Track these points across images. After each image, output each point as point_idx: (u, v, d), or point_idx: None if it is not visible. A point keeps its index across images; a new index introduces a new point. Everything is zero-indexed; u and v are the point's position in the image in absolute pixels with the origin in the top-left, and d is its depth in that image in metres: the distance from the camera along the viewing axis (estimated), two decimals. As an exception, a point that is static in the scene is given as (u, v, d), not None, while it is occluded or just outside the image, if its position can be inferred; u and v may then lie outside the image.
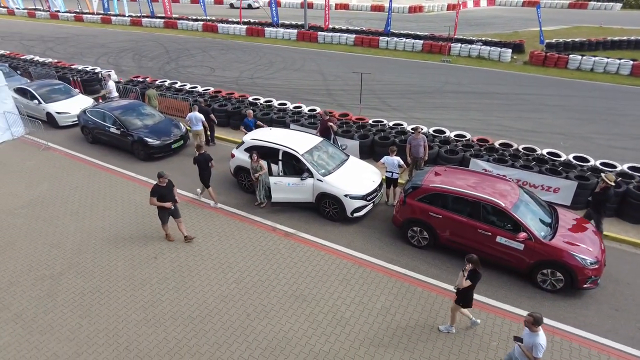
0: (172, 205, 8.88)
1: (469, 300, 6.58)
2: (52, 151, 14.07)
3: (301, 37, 30.44)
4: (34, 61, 23.51)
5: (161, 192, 8.71)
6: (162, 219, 9.10)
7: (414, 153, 11.01)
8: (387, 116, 15.45)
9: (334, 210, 9.90)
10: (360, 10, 44.58)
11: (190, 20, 37.15)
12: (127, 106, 14.28)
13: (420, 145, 10.91)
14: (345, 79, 20.96)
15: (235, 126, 15.33)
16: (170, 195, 8.84)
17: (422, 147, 10.93)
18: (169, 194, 8.81)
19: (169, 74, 22.40)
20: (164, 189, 8.75)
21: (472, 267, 6.29)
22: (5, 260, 8.95)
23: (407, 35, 28.54)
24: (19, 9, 49.35)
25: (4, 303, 7.81)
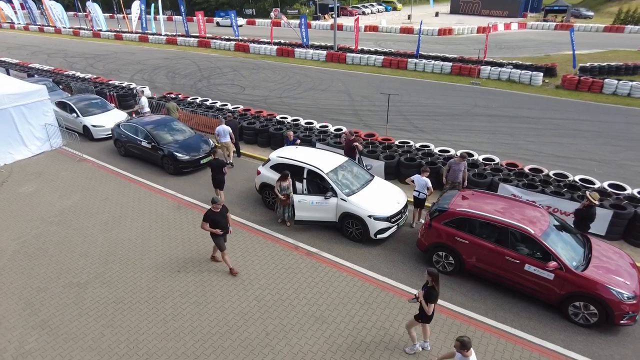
0: (224, 232, 8.59)
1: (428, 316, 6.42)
2: (86, 163, 14.61)
3: (330, 58, 30.87)
4: (75, 76, 24.72)
5: (214, 218, 8.44)
6: (219, 245, 8.73)
7: (452, 177, 10.73)
8: (413, 137, 15.36)
9: (357, 231, 9.80)
10: (390, 32, 44.90)
11: (223, 40, 38.31)
12: (159, 121, 14.73)
13: (461, 171, 10.65)
14: (372, 99, 21.03)
15: (263, 144, 15.57)
16: (223, 221, 8.58)
17: (462, 172, 10.68)
18: (222, 220, 8.55)
19: (200, 92, 23.06)
20: (217, 214, 8.47)
21: (431, 283, 6.19)
22: (37, 266, 9.24)
23: (436, 57, 28.52)
24: (65, 27, 52.24)
25: (33, 309, 8.03)
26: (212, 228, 8.44)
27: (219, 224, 8.48)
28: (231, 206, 11.58)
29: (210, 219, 8.42)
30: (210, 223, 8.42)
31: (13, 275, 9.00)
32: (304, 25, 33.40)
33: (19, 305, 8.14)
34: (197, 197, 12.12)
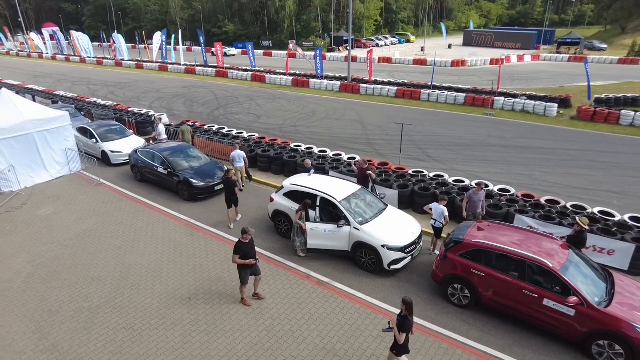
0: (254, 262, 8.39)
1: (402, 347, 6.24)
2: (103, 187, 14.86)
3: (344, 88, 31.38)
4: (96, 103, 25.54)
5: (244, 250, 8.23)
6: (242, 279, 8.46)
7: (472, 208, 10.55)
8: (427, 167, 15.31)
9: (370, 261, 9.65)
10: (403, 64, 45.62)
11: (240, 70, 39.35)
12: (176, 148, 15.01)
13: (480, 201, 10.49)
14: (385, 129, 21.17)
15: (277, 171, 15.68)
16: (253, 252, 8.39)
17: (482, 203, 10.51)
18: (252, 252, 8.35)
19: (217, 120, 23.52)
20: (247, 245, 8.28)
21: (405, 312, 6.10)
22: (50, 289, 9.28)
23: (449, 88, 28.77)
24: (90, 57, 54.41)
25: (43, 332, 8.00)
26: (243, 260, 8.20)
27: (249, 255, 8.25)
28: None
29: (241, 251, 8.18)
30: (240, 255, 8.18)
31: (26, 297, 9.04)
32: (319, 56, 34.18)
33: (30, 328, 8.13)
34: (211, 223, 12.16)
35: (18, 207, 13.39)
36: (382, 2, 76.11)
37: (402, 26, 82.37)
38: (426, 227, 11.32)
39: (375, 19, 75.43)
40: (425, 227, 11.12)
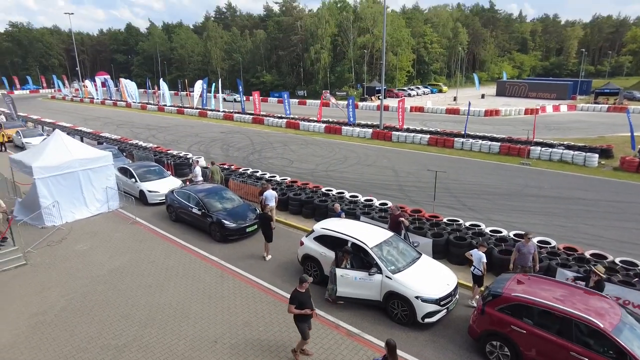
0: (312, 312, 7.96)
1: None
2: (138, 226, 15.22)
3: (376, 135, 31.69)
4: (137, 145, 26.82)
5: (301, 299, 7.78)
6: (302, 331, 7.93)
7: (521, 261, 9.93)
8: (462, 215, 14.89)
9: (403, 313, 9.22)
10: (435, 113, 45.89)
11: (275, 118, 40.65)
12: (211, 190, 15.35)
13: (530, 253, 9.86)
14: (418, 176, 20.99)
15: (307, 215, 15.66)
16: (310, 302, 7.95)
17: (532, 255, 9.89)
18: (309, 301, 7.92)
19: (252, 164, 24.08)
20: (304, 295, 7.84)
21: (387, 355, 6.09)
22: (80, 324, 9.33)
23: (483, 137, 28.52)
24: (135, 102, 57.93)
25: (69, 370, 7.96)
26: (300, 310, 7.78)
27: (306, 305, 7.81)
28: (272, 277, 11.45)
29: (297, 300, 7.74)
30: (297, 305, 7.76)
31: (57, 331, 9.11)
32: (351, 105, 34.99)
33: (58, 364, 8.12)
34: (241, 265, 12.11)
35: (58, 241, 13.86)
36: (414, 54, 78.16)
37: (434, 77, 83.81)
38: (462, 278, 10.85)
39: (407, 70, 77.23)
40: (462, 279, 10.65)
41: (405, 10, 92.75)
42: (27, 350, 8.54)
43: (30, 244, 13.44)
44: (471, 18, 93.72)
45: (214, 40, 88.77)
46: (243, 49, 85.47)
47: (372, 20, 70.60)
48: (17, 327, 9.32)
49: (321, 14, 72.37)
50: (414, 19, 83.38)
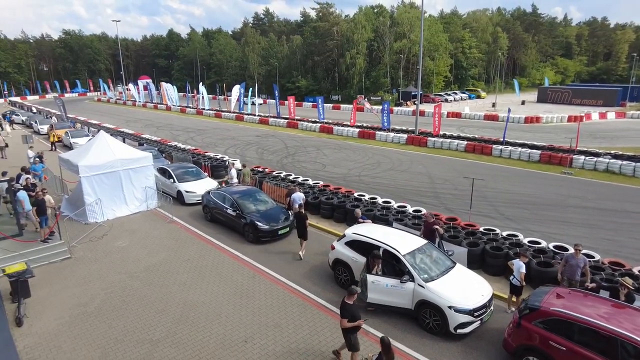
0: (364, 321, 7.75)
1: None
2: (175, 224, 15.68)
3: (411, 141, 31.27)
4: (176, 147, 27.70)
5: (352, 311, 7.51)
6: (353, 344, 7.59)
7: (569, 274, 9.50)
8: (499, 225, 14.42)
9: (435, 322, 9.02)
10: (473, 119, 44.78)
11: (309, 122, 40.91)
12: (245, 191, 15.64)
13: (580, 267, 9.40)
14: (454, 183, 20.53)
15: (339, 219, 15.64)
16: (359, 313, 7.72)
17: (581, 269, 9.42)
18: (358, 312, 7.71)
19: (285, 167, 24.33)
20: (354, 306, 7.65)
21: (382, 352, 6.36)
22: (118, 317, 9.70)
23: (523, 144, 27.56)
24: (175, 105, 59.92)
25: (107, 359, 8.30)
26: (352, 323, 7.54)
27: (357, 316, 7.57)
28: (303, 279, 11.49)
29: (349, 313, 7.49)
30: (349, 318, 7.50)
31: (97, 323, 9.50)
32: (386, 110, 34.71)
33: (97, 353, 8.47)
34: (272, 267, 12.23)
35: (100, 237, 14.49)
36: (452, 59, 76.73)
37: (473, 82, 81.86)
38: (497, 289, 10.52)
39: (444, 75, 75.90)
40: (497, 290, 10.32)
41: (443, 15, 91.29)
42: (69, 339, 8.95)
43: (74, 238, 14.11)
44: (512, 22, 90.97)
45: (251, 45, 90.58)
46: (279, 54, 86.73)
47: (409, 25, 69.92)
48: (61, 316, 9.80)
49: (358, 19, 72.40)
50: (452, 24, 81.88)
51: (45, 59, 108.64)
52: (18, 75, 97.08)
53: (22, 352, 8.44)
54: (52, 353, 8.51)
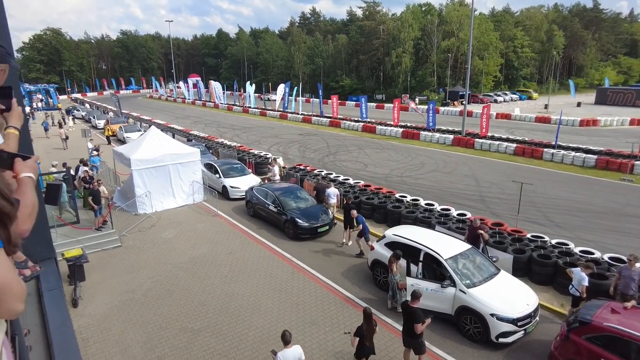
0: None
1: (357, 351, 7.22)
2: (219, 218, 16.15)
3: (457, 142, 30.41)
4: (222, 144, 28.52)
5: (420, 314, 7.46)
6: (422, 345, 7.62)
7: (623, 287, 8.93)
8: (548, 232, 13.73)
9: (476, 330, 8.74)
10: (523, 121, 42.86)
11: (352, 121, 40.77)
12: (287, 189, 15.87)
13: (634, 280, 8.81)
14: (501, 187, 19.77)
15: (379, 220, 15.49)
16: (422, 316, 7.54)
17: (636, 282, 8.83)
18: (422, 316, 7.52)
19: (326, 165, 24.41)
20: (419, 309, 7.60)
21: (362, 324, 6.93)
22: (163, 305, 10.14)
23: (577, 148, 26.05)
24: (222, 103, 61.70)
25: (152, 344, 8.68)
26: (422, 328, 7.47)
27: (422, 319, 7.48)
28: (341, 278, 11.49)
29: (420, 317, 7.42)
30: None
31: (143, 309, 9.98)
32: (431, 110, 33.97)
33: (142, 337, 8.90)
34: (311, 264, 12.31)
35: (148, 227, 15.19)
36: (502, 58, 73.82)
37: (524, 82, 78.34)
38: (544, 299, 10.05)
39: (494, 75, 73.17)
40: (543, 300, 9.85)
41: (495, 12, 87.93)
42: (118, 322, 9.47)
43: (125, 228, 14.88)
44: (570, 19, 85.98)
45: (297, 45, 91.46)
46: (324, 53, 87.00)
47: (457, 23, 67.96)
48: (111, 301, 10.38)
49: (405, 17, 71.25)
50: (504, 22, 78.70)
51: (104, 58, 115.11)
52: (80, 73, 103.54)
53: (77, 331, 8.99)
54: (102, 334, 9.04)
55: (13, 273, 1.20)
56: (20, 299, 1.20)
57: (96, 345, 8.68)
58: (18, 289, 1.19)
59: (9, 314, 1.20)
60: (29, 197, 1.55)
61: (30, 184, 1.60)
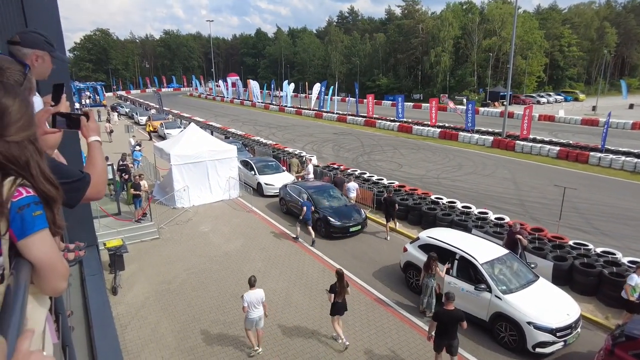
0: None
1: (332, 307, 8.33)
2: (253, 214, 16.41)
3: (496, 144, 29.46)
4: (258, 141, 28.95)
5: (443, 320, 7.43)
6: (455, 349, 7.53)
7: None
8: (593, 240, 13.03)
9: (511, 338, 8.43)
10: (568, 123, 40.96)
11: (387, 121, 40.34)
12: (320, 187, 15.91)
13: None
14: (543, 191, 18.98)
15: (413, 221, 15.25)
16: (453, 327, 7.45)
17: None
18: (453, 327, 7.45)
19: (360, 165, 24.27)
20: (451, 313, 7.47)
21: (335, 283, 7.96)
22: (197, 297, 10.41)
23: (628, 153, 24.62)
24: (260, 102, 62.65)
25: (185, 334, 8.93)
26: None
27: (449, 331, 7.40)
28: (372, 279, 11.40)
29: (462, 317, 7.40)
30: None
31: (178, 300, 10.28)
32: (470, 110, 33.09)
33: (176, 327, 9.17)
34: (342, 264, 12.26)
35: (185, 221, 15.64)
36: (547, 57, 70.81)
37: (570, 83, 74.83)
38: (586, 310, 9.57)
39: (537, 75, 70.34)
40: (586, 311, 9.38)
41: (540, 10, 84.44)
42: (154, 311, 9.81)
43: (163, 221, 15.38)
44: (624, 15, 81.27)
45: (334, 44, 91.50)
46: (361, 52, 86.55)
47: (500, 22, 65.80)
48: (148, 290, 10.76)
49: (445, 16, 69.76)
50: (550, 20, 75.46)
51: (148, 56, 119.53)
52: (125, 71, 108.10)
53: (115, 318, 9.40)
54: (139, 322, 9.39)
55: (58, 253, 1.25)
56: (64, 278, 1.26)
57: (133, 332, 9.03)
58: (62, 268, 1.24)
59: (53, 292, 1.26)
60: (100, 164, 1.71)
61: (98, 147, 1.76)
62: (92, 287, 2.98)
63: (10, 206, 1.12)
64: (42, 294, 1.26)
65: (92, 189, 1.59)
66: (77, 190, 1.54)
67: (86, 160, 1.73)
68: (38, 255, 1.17)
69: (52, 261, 1.21)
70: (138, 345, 8.62)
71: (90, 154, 1.73)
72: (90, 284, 3.02)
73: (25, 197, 1.15)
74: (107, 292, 3.12)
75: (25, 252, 1.16)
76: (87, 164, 1.70)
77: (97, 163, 1.69)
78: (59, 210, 1.32)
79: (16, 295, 0.96)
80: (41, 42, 1.93)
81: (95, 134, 1.76)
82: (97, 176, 1.63)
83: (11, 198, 1.13)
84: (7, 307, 0.95)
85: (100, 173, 1.67)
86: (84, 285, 3.11)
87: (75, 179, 1.54)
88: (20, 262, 1.13)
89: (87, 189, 1.57)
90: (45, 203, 1.24)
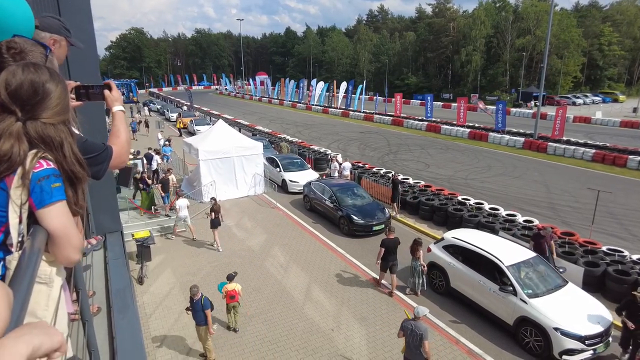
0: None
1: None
2: (277, 210, 16.56)
3: (528, 145, 28.60)
4: (285, 139, 29.13)
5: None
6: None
7: None
8: (629, 247, 12.47)
9: (537, 343, 8.18)
10: (605, 125, 39.28)
11: (415, 120, 39.83)
12: (344, 185, 15.89)
13: None
14: (575, 195, 18.31)
15: (439, 222, 15.01)
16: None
17: None
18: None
19: (386, 164, 24.07)
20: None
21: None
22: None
23: (670, 157, 23.41)
24: (287, 101, 63.09)
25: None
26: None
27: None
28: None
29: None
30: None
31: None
32: (501, 110, 32.28)
33: (199, 319, 9.35)
34: (364, 262, 12.24)
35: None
36: (584, 57, 68.11)
37: (609, 84, 71.71)
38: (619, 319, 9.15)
39: (574, 75, 67.78)
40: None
41: (579, 7, 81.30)
42: (178, 302, 10.04)
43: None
44: (670, 13, 77.24)
45: (363, 43, 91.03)
46: (391, 51, 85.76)
47: (535, 20, 63.74)
48: (172, 281, 11.04)
49: (477, 14, 68.19)
50: (589, 17, 72.52)
51: (179, 55, 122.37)
52: (157, 69, 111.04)
53: (140, 307, 9.70)
54: (163, 312, 9.65)
55: (73, 224, 1.31)
56: (77, 249, 1.31)
57: (157, 322, 9.28)
58: (76, 239, 1.30)
59: (67, 261, 1.31)
60: (124, 135, 1.81)
61: (122, 117, 1.86)
62: (114, 270, 3.09)
63: (31, 177, 1.18)
64: (57, 263, 1.32)
65: (115, 159, 1.70)
66: (100, 163, 1.64)
67: (110, 129, 1.84)
68: (54, 225, 1.23)
69: (67, 231, 1.26)
70: (162, 333, 8.86)
71: (114, 123, 1.83)
72: (113, 267, 3.13)
73: (46, 169, 1.22)
74: (129, 275, 3.22)
75: (43, 221, 1.21)
76: (111, 134, 1.81)
77: (120, 133, 1.79)
78: (84, 190, 1.38)
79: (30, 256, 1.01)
80: (59, 27, 1.98)
81: (118, 103, 1.85)
82: (120, 147, 1.74)
83: (32, 169, 1.19)
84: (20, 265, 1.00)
85: (123, 143, 1.77)
86: (107, 269, 3.23)
87: (99, 152, 1.63)
88: (37, 229, 1.18)
89: (110, 160, 1.65)
90: (70, 183, 1.30)
